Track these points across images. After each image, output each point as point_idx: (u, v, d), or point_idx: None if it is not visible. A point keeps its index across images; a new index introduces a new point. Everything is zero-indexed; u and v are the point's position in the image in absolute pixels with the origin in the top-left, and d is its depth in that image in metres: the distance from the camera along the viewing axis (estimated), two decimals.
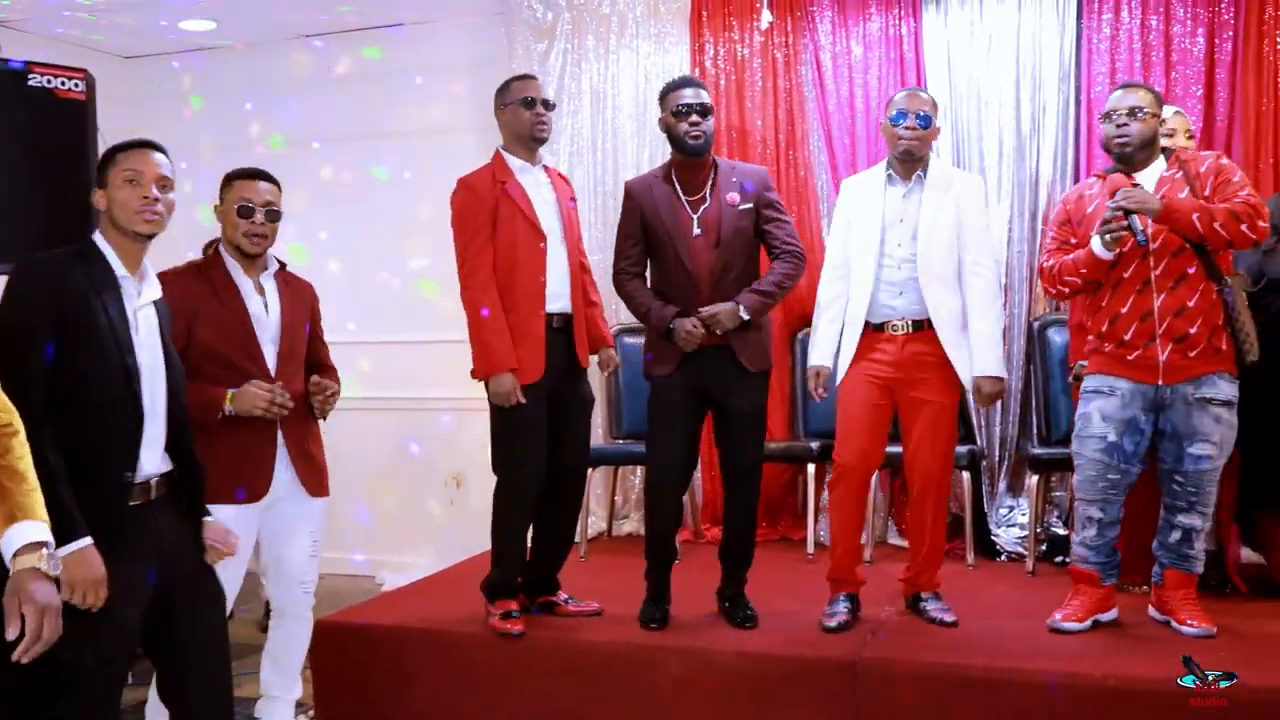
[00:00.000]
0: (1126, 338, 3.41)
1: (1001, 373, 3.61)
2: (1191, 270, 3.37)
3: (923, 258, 3.57)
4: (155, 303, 2.65)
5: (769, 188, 3.70)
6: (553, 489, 3.71)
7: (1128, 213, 3.29)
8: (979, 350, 3.58)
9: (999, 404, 4.83)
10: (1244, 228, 3.28)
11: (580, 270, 3.75)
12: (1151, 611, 3.63)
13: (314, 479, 3.29)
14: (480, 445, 5.24)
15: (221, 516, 3.09)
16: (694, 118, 3.57)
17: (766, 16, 5.05)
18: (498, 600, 3.66)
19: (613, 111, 5.39)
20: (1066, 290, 3.57)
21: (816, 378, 3.70)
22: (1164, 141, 3.88)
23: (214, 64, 6.15)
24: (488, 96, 3.80)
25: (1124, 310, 3.41)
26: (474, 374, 3.61)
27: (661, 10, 5.32)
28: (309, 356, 3.38)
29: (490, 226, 3.57)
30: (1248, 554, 4.09)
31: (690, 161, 3.64)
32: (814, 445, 4.74)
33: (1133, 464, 3.46)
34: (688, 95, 3.60)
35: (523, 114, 3.64)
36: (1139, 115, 3.45)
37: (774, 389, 5.16)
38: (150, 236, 2.59)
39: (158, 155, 2.61)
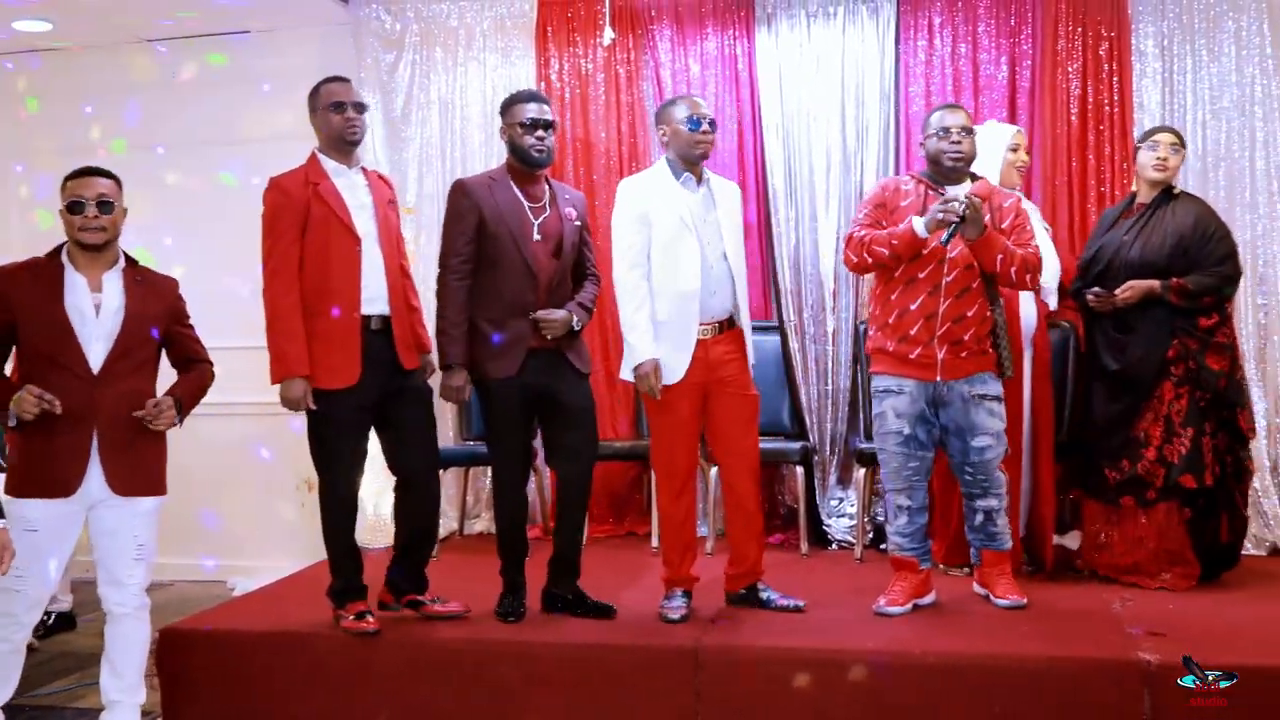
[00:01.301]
0: (911, 333, 3.72)
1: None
2: (975, 285, 3.71)
3: (734, 258, 3.78)
4: None
5: (586, 213, 3.94)
6: (405, 489, 3.78)
7: (961, 218, 3.57)
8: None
9: (830, 402, 5.16)
10: (1028, 278, 3.73)
11: (400, 274, 3.73)
12: (975, 588, 3.96)
13: (123, 480, 3.25)
14: None
15: (36, 513, 3.09)
16: (540, 132, 3.70)
17: (609, 33, 5.22)
18: (347, 604, 3.69)
19: (461, 121, 5.50)
20: (870, 260, 3.76)
21: (655, 373, 3.66)
22: (1008, 156, 4.30)
23: (51, 65, 5.99)
24: None
25: (913, 308, 3.72)
26: (271, 378, 3.62)
27: (508, 24, 5.45)
28: (177, 352, 3.39)
29: (299, 227, 3.54)
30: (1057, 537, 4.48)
31: (530, 172, 3.78)
32: None
33: (928, 450, 3.80)
34: (533, 110, 3.71)
35: (333, 118, 3.63)
36: (970, 134, 3.79)
37: (619, 390, 5.38)
38: None
39: None
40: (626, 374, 3.77)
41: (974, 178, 3.84)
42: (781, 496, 5.23)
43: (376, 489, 4.96)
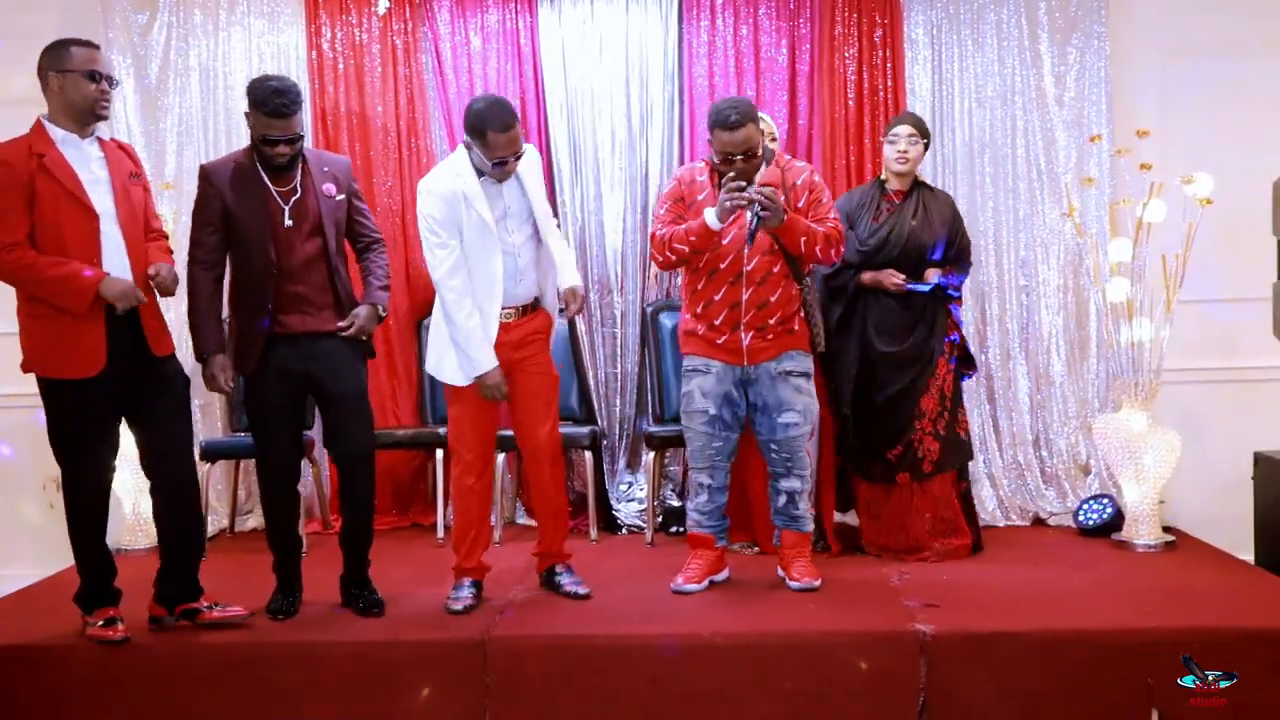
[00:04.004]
0: (716, 322, 3.78)
1: (580, 283, 3.80)
2: (777, 269, 3.77)
3: (541, 236, 3.72)
4: None
5: (353, 178, 3.77)
6: (159, 490, 3.55)
7: (761, 212, 3.56)
8: (567, 268, 3.75)
9: (618, 385, 5.17)
10: (832, 251, 3.79)
11: (146, 254, 3.47)
12: (779, 570, 3.99)
13: None
14: None
15: None
16: (282, 148, 3.51)
17: (383, 2, 5.02)
18: (95, 610, 3.47)
19: (225, 91, 5.16)
20: (674, 258, 3.79)
21: (499, 387, 3.64)
22: None
23: None
24: None
25: (717, 298, 3.78)
26: (24, 366, 3.37)
27: None
28: None
29: (24, 204, 3.26)
30: (839, 517, 4.60)
31: None
32: (442, 431, 4.75)
33: (732, 431, 3.85)
34: (277, 130, 3.47)
35: (86, 86, 3.32)
36: (751, 157, 3.74)
37: (401, 376, 5.21)
38: None
39: None
40: (444, 374, 3.71)
41: (769, 157, 3.87)
42: (571, 482, 5.17)
43: (135, 486, 4.64)
